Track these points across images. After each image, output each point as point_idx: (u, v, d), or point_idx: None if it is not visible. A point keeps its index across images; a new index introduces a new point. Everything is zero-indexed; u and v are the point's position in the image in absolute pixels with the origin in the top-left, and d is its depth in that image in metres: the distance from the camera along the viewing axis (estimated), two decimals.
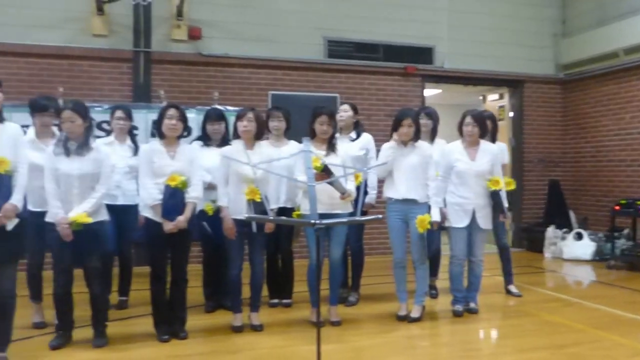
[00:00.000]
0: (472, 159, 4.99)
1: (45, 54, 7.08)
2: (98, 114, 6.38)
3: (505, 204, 5.13)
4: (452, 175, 5.02)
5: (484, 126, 5.10)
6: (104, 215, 4.23)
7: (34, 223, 4.03)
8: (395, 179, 4.80)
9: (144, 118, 6.66)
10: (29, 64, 7.06)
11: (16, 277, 3.74)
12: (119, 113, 5.13)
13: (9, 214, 3.53)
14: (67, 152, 3.98)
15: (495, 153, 5.10)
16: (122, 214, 4.97)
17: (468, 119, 4.99)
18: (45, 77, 7.06)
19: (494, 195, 4.99)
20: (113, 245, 4.99)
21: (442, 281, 5.75)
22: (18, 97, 6.19)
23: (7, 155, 3.55)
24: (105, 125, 6.08)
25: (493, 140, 5.59)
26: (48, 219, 4.05)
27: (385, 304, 5.40)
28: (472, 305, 5.16)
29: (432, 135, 5.43)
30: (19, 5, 7.04)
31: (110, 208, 4.82)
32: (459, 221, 4.98)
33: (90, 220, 3.97)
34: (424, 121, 5.31)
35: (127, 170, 4.99)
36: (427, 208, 4.76)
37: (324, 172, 4.33)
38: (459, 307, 5.09)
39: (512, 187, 5.73)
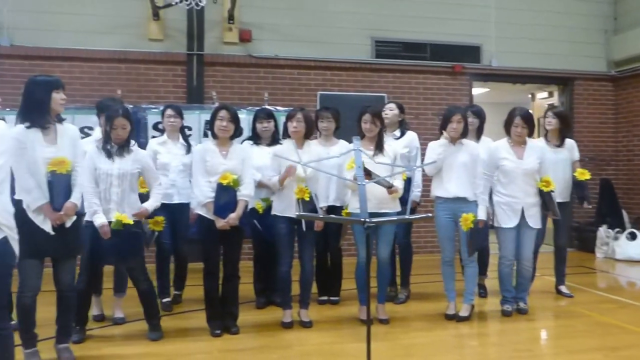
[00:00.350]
0: (520, 158, 4.91)
1: (105, 58, 7.40)
2: (154, 115, 6.63)
3: (557, 202, 5.03)
4: (499, 174, 4.95)
5: (532, 125, 5.03)
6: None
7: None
8: (445, 177, 4.80)
9: (197, 119, 6.86)
10: (91, 68, 7.38)
11: (75, 271, 3.90)
12: (169, 112, 5.24)
13: (69, 212, 3.68)
14: (109, 154, 4.12)
15: (542, 151, 5.03)
16: (177, 212, 5.11)
17: (517, 120, 4.90)
18: (105, 80, 7.37)
19: (545, 196, 4.92)
20: (169, 242, 5.16)
21: (491, 280, 5.73)
22: (81, 99, 6.50)
23: (67, 155, 3.69)
24: (160, 126, 6.30)
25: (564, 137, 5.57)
26: (87, 217, 4.13)
27: (433, 302, 5.41)
28: (521, 305, 5.11)
29: (479, 134, 5.44)
30: (82, 12, 7.36)
31: (166, 207, 5.01)
32: (507, 221, 4.93)
33: (131, 221, 4.08)
34: (471, 119, 5.30)
35: (181, 168, 5.08)
36: (476, 206, 4.77)
37: (365, 173, 4.36)
38: (508, 307, 5.05)
39: (588, 176, 5.55)
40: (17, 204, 3.42)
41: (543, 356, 4.24)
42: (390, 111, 5.45)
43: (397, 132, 5.45)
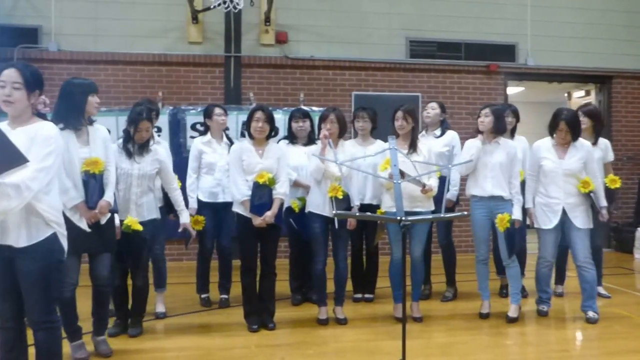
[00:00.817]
0: (561, 158, 4.80)
1: (147, 61, 7.62)
2: (192, 116, 6.80)
3: (604, 203, 4.91)
4: (540, 174, 4.88)
5: (578, 128, 4.83)
6: (156, 214, 4.49)
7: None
8: (480, 176, 4.81)
9: (234, 119, 7.02)
10: (133, 71, 7.60)
11: (110, 266, 4.03)
12: (219, 110, 5.24)
13: (103, 210, 3.82)
14: (129, 154, 4.26)
15: (588, 150, 4.85)
16: (223, 211, 5.16)
17: (562, 125, 4.72)
18: (147, 83, 7.59)
19: (587, 198, 4.79)
20: (210, 241, 5.26)
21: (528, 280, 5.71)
22: (125, 102, 6.72)
23: (100, 156, 3.83)
24: (198, 126, 6.46)
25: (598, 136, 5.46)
26: None
27: (472, 301, 5.41)
28: (590, 314, 4.82)
29: (513, 133, 5.44)
30: (124, 18, 7.59)
31: (211, 206, 5.14)
32: (547, 222, 4.83)
33: (140, 228, 4.20)
34: (509, 119, 5.30)
35: (226, 167, 5.01)
36: (512, 205, 4.76)
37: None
38: (543, 307, 5.01)
39: (618, 184, 5.37)
40: None
41: (580, 357, 4.21)
42: (432, 110, 5.49)
43: (438, 131, 5.48)
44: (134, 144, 4.29)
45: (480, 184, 4.81)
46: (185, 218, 4.52)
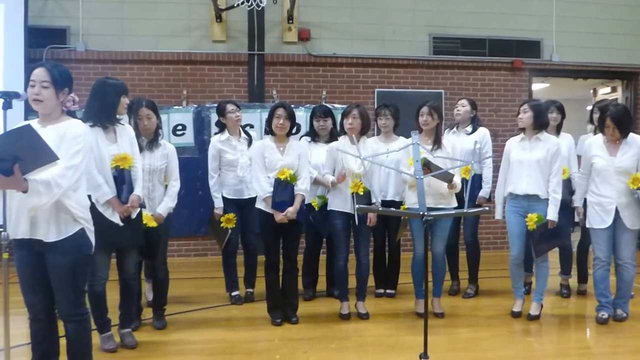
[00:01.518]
0: (613, 155, 4.59)
1: (172, 60, 7.72)
2: (216, 114, 6.87)
3: None
4: (592, 172, 4.69)
5: (628, 123, 4.61)
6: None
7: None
8: (516, 174, 4.73)
9: (258, 117, 7.09)
10: (159, 70, 7.71)
11: (136, 261, 4.14)
12: (231, 107, 5.19)
13: (135, 204, 3.93)
14: (139, 148, 4.29)
15: None
16: (246, 206, 5.20)
17: (608, 122, 4.53)
18: (171, 81, 7.70)
19: (634, 194, 4.58)
20: (235, 237, 5.30)
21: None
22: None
23: (127, 152, 3.94)
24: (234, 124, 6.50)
25: None
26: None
27: (496, 298, 5.40)
28: (618, 312, 4.73)
29: (558, 130, 5.35)
30: (149, 17, 7.71)
31: (235, 202, 5.19)
32: (600, 222, 4.62)
33: (155, 224, 4.27)
34: (554, 115, 5.24)
35: (248, 163, 5.04)
36: (547, 205, 4.66)
37: (426, 167, 4.30)
38: (604, 314, 4.69)
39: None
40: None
41: (602, 355, 4.18)
42: (462, 107, 5.49)
43: (469, 128, 5.48)
44: (142, 137, 4.36)
45: (515, 182, 4.73)
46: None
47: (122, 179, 3.86)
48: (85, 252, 3.05)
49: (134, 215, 3.97)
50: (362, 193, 4.56)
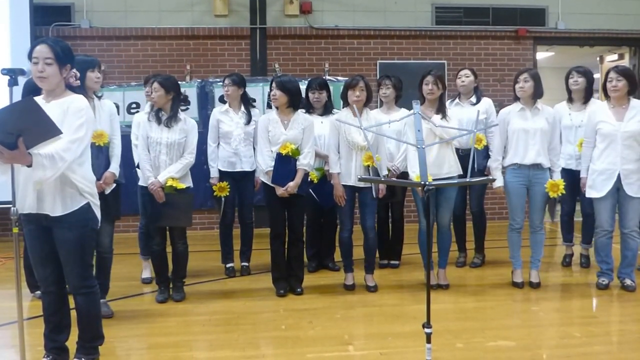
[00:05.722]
0: (620, 120, 4.51)
1: (174, 35, 7.69)
2: (220, 89, 6.84)
3: None
4: (596, 139, 4.62)
5: (633, 81, 4.55)
6: (190, 182, 4.59)
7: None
8: (522, 144, 4.69)
9: (260, 91, 7.07)
10: (162, 46, 7.70)
11: (113, 235, 4.25)
12: (226, 81, 5.28)
13: (108, 181, 4.03)
14: (159, 121, 4.40)
15: None
16: (241, 180, 5.24)
17: (612, 74, 4.51)
18: (175, 57, 7.68)
19: None
20: (231, 210, 5.34)
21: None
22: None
23: (105, 129, 4.01)
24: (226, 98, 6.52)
25: None
26: (141, 182, 4.57)
27: (497, 268, 5.43)
28: (627, 282, 4.69)
29: (587, 95, 5.17)
30: None
31: (229, 175, 5.22)
32: (600, 189, 4.60)
33: (183, 185, 4.38)
34: (575, 79, 5.12)
35: (243, 136, 5.15)
36: (550, 173, 4.70)
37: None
38: (604, 280, 4.75)
39: None
40: None
41: (608, 323, 4.19)
42: (466, 77, 5.44)
43: (474, 99, 5.45)
44: (160, 112, 4.42)
45: (521, 152, 4.69)
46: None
47: (96, 155, 3.88)
48: (91, 227, 3.10)
49: (107, 192, 4.04)
50: (375, 165, 4.53)
